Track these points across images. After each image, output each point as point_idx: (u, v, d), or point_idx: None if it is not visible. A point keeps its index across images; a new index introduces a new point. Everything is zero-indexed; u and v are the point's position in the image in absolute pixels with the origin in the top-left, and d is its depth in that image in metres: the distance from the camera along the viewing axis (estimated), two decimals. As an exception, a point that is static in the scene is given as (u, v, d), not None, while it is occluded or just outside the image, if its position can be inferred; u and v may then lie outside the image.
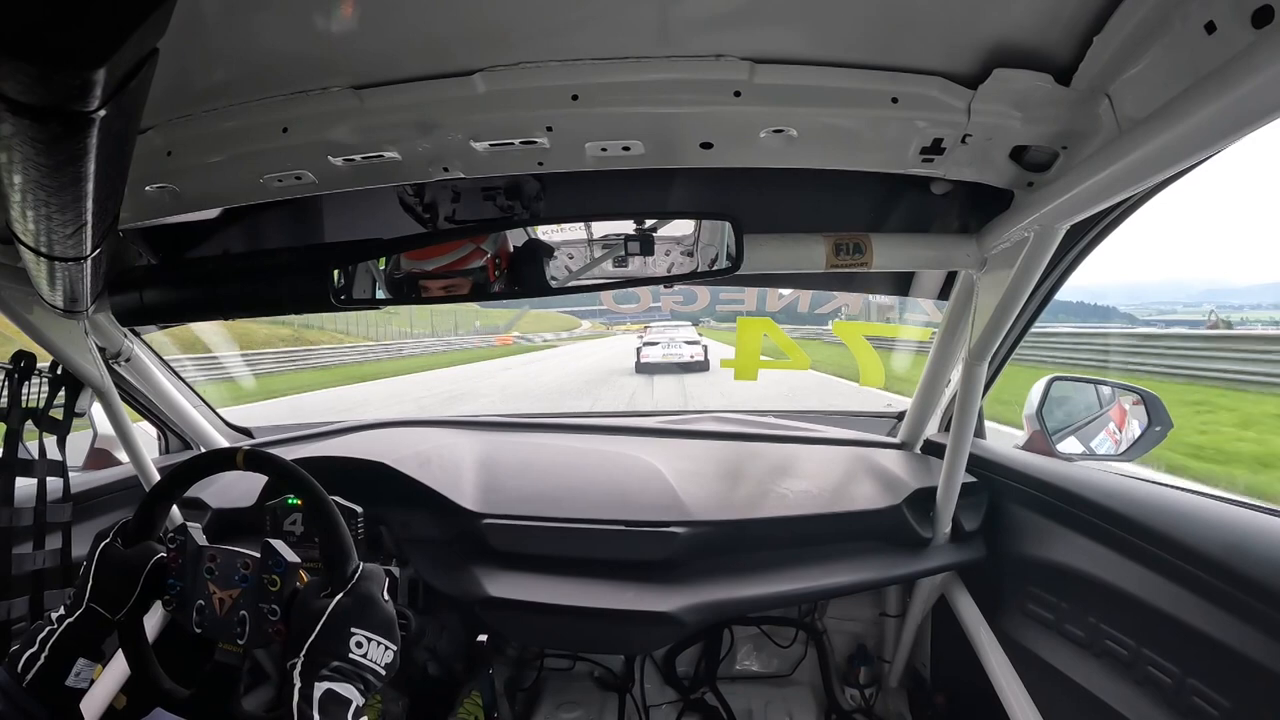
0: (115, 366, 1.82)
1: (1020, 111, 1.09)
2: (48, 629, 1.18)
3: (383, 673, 1.14)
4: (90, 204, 0.75)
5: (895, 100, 1.10)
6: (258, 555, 1.25)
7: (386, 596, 1.20)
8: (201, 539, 1.30)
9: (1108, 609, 1.42)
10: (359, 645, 1.11)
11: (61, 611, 1.21)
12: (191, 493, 1.62)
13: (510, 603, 1.62)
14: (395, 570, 1.60)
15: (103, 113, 0.55)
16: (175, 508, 1.88)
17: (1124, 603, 1.36)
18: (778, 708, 2.28)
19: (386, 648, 1.15)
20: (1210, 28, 0.77)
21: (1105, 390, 2.05)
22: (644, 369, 18.51)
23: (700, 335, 19.20)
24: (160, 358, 2.04)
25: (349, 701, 1.06)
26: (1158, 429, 1.89)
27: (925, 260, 1.49)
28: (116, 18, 0.45)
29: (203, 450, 2.20)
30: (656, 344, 18.66)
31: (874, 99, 1.10)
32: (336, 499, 1.33)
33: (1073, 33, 0.96)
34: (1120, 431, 2.00)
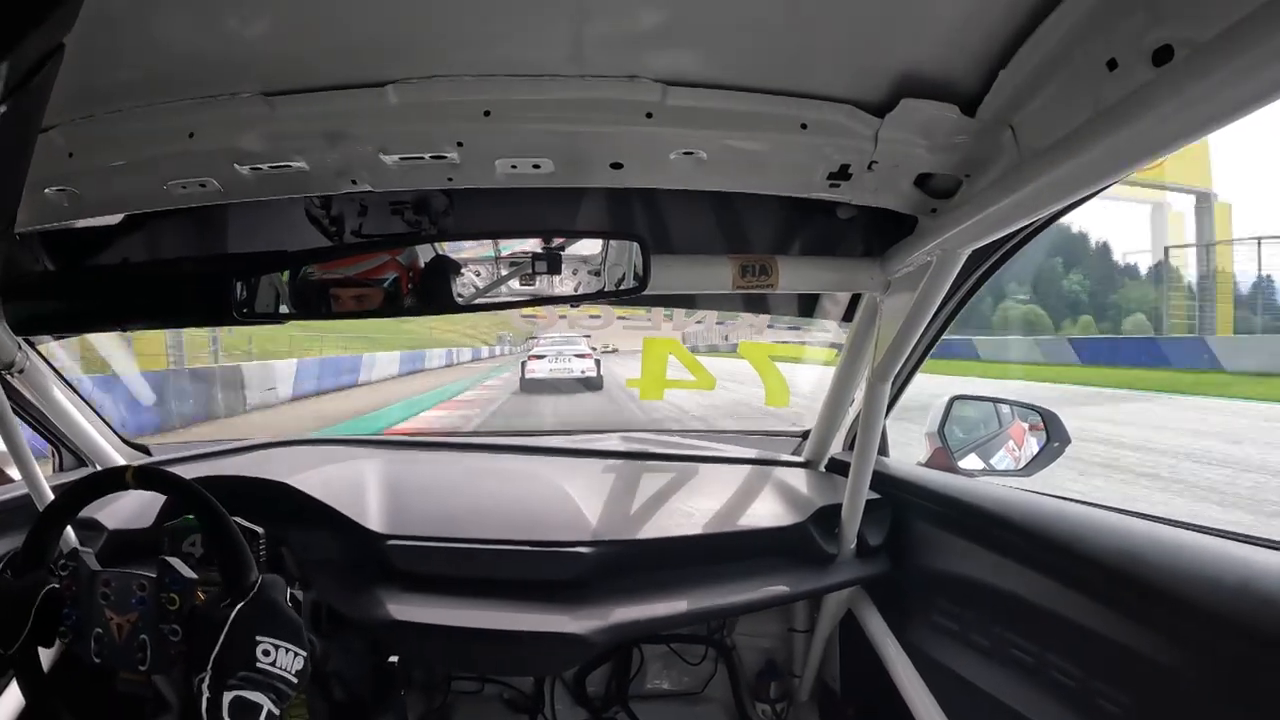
0: (7, 378, 1.72)
1: (926, 140, 1.12)
2: None
3: (295, 680, 1.11)
4: None
5: (805, 126, 1.12)
6: (154, 575, 1.21)
7: (290, 604, 1.18)
8: (94, 564, 1.25)
9: (1011, 617, 1.46)
10: (266, 654, 1.08)
11: None
12: (86, 513, 1.54)
13: (416, 626, 1.57)
14: (299, 594, 1.56)
15: (2, 109, 0.52)
16: (70, 530, 1.78)
17: (1026, 611, 1.40)
18: None
19: (296, 654, 1.12)
20: (1112, 65, 0.81)
21: (1005, 409, 2.15)
22: (529, 387, 16.71)
23: (592, 349, 17.39)
24: (55, 370, 1.94)
25: (259, 707, 1.03)
26: (1056, 444, 1.98)
27: (830, 282, 1.53)
28: (20, 9, 0.43)
29: (98, 468, 2.09)
30: (544, 358, 17.11)
31: (784, 124, 1.12)
32: (237, 519, 1.29)
33: (979, 66, 1.00)
34: (1019, 448, 2.10)
